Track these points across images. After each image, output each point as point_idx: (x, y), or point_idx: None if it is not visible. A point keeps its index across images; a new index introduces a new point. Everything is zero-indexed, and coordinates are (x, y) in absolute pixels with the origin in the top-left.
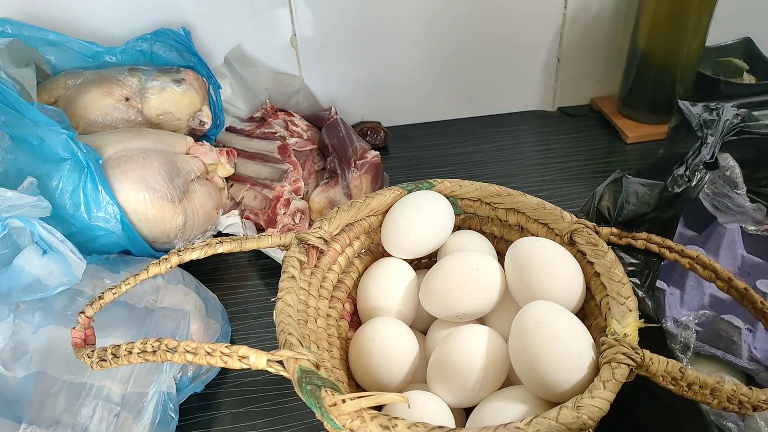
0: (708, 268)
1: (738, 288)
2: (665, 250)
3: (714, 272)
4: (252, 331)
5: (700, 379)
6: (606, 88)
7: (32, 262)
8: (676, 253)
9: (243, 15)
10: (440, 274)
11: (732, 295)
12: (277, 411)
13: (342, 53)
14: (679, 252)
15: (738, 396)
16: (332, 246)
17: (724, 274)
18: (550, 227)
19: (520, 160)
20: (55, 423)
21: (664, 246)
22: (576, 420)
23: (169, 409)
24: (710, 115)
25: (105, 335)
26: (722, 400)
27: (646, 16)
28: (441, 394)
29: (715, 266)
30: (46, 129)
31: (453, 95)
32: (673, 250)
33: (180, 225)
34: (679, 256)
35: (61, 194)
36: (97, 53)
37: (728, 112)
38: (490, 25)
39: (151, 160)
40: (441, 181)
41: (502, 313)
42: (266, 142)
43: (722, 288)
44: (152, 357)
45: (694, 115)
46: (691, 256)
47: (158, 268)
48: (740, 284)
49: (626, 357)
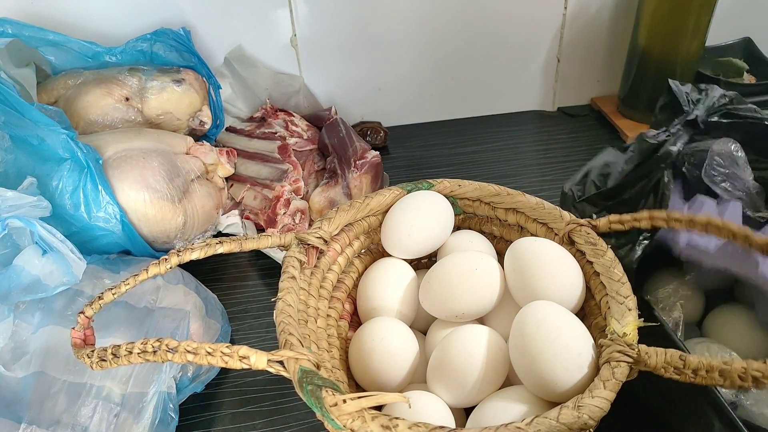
0: (723, 229)
1: (759, 243)
2: (674, 222)
3: (731, 232)
4: (252, 331)
5: (704, 363)
6: (606, 88)
7: (32, 262)
8: (686, 222)
9: (243, 15)
10: (440, 274)
11: (755, 249)
12: (277, 411)
13: (342, 53)
14: (688, 221)
15: (750, 372)
16: (332, 246)
17: (741, 231)
18: (550, 227)
19: (520, 160)
20: (55, 423)
21: (671, 218)
22: (577, 420)
23: (169, 409)
24: (699, 95)
25: (105, 335)
26: (734, 380)
27: (645, 15)
28: (441, 394)
29: (730, 226)
30: (46, 129)
31: (453, 95)
32: (680, 220)
33: (180, 225)
34: (690, 224)
35: (61, 194)
36: (97, 53)
37: (716, 91)
38: (490, 25)
39: (151, 160)
40: (441, 181)
41: (502, 313)
42: (266, 142)
43: (743, 246)
44: (152, 357)
45: (682, 93)
46: (702, 222)
47: (158, 268)
48: (761, 239)
49: (622, 354)
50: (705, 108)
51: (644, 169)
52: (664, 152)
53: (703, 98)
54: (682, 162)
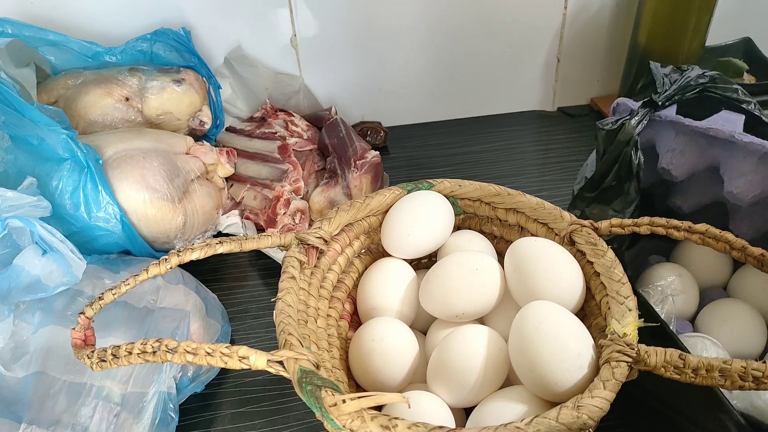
0: (720, 239)
1: (754, 255)
2: (672, 230)
3: (727, 243)
4: (252, 331)
5: (704, 363)
6: (606, 87)
7: (32, 262)
8: (685, 231)
9: (243, 15)
10: (440, 274)
11: (749, 262)
12: (277, 411)
13: (342, 53)
14: (687, 229)
15: (750, 372)
16: (332, 246)
17: (738, 243)
18: (550, 227)
19: (520, 160)
20: (55, 423)
21: (670, 226)
22: (576, 420)
23: (169, 409)
24: (679, 76)
25: (105, 335)
26: (735, 380)
27: (646, 15)
28: (441, 394)
29: (727, 237)
30: (46, 129)
31: (453, 95)
32: (680, 228)
33: (180, 225)
34: (688, 233)
35: (61, 194)
36: (97, 53)
37: (694, 72)
38: (490, 24)
39: (151, 160)
40: (441, 181)
41: (502, 313)
42: (266, 142)
43: (739, 257)
44: (152, 358)
45: (660, 75)
46: (700, 231)
47: (158, 268)
48: (756, 251)
49: (621, 354)
50: (679, 87)
51: (612, 155)
52: (624, 134)
53: (679, 78)
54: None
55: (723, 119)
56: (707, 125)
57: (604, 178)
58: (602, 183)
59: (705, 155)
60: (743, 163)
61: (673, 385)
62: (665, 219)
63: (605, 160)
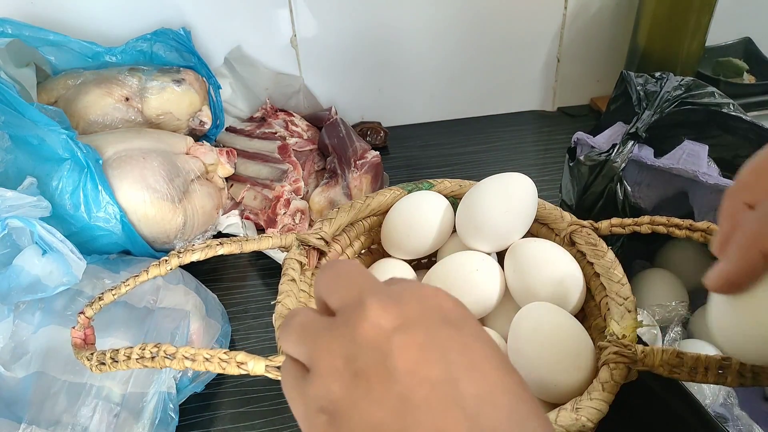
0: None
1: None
2: (673, 229)
3: None
4: (252, 331)
5: (702, 360)
6: (606, 88)
7: (32, 262)
8: (686, 229)
9: (243, 15)
10: (440, 275)
11: None
12: (277, 411)
13: (342, 53)
14: (688, 227)
15: (750, 368)
16: (333, 247)
17: None
18: (550, 227)
19: (520, 160)
20: (55, 423)
21: (671, 225)
22: (575, 422)
23: (169, 409)
24: (654, 86)
25: (105, 335)
26: (733, 377)
27: (645, 15)
28: None
29: None
30: (46, 129)
31: (453, 95)
32: (681, 227)
33: (180, 225)
34: (690, 231)
35: (61, 194)
36: (97, 53)
37: (670, 83)
38: (490, 25)
39: (151, 160)
40: (441, 181)
41: (502, 314)
42: (266, 142)
43: None
44: (150, 363)
45: (634, 88)
46: (701, 228)
47: (158, 269)
48: None
49: (619, 355)
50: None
51: (597, 188)
52: (608, 169)
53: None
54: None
55: (686, 153)
56: (670, 164)
57: (590, 212)
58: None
59: (672, 185)
60: (710, 198)
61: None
62: (666, 218)
63: (589, 195)
